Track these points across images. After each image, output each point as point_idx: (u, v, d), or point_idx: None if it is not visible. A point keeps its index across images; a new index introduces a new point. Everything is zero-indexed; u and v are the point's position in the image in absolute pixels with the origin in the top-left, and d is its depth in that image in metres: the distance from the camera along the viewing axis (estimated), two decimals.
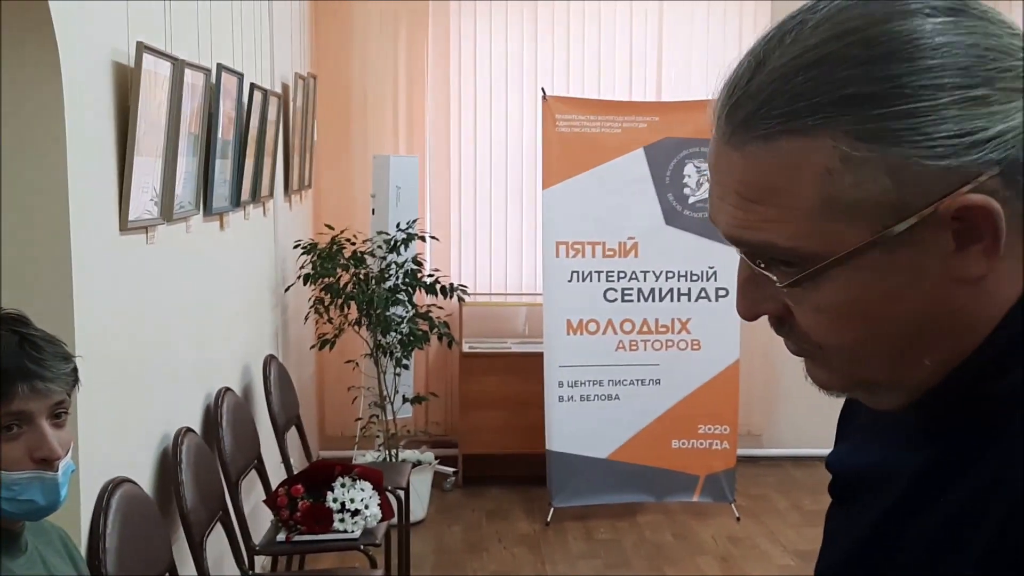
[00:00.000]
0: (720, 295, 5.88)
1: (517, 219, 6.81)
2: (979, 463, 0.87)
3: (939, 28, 0.83)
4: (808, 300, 0.89)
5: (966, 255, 0.84)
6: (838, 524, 1.10)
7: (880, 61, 0.82)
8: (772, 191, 0.86)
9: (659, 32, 6.74)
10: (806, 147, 0.84)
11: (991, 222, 0.83)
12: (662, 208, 5.81)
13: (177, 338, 3.53)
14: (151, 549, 2.94)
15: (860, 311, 0.88)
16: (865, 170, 0.82)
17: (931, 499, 0.90)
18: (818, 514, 4.06)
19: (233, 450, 3.87)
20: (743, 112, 0.87)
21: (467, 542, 5.62)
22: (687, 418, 5.89)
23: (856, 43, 0.83)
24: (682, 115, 5.88)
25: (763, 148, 0.86)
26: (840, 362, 0.92)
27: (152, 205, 3.11)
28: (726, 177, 0.90)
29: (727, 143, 0.88)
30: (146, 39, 2.93)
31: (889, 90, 0.81)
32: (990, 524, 0.83)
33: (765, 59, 0.86)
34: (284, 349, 5.43)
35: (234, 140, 4.09)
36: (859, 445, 1.10)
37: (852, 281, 0.86)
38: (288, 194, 5.56)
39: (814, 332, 0.91)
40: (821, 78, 0.83)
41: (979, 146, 0.82)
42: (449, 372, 6.78)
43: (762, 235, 0.88)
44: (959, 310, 0.87)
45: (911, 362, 0.90)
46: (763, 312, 0.95)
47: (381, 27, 6.60)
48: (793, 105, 0.84)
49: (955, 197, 0.82)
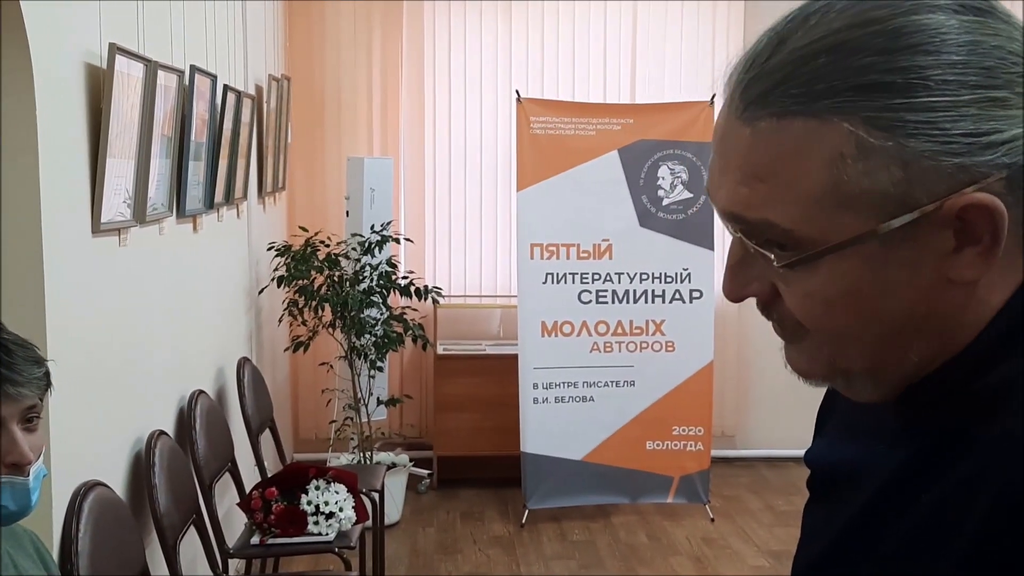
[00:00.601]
0: (695, 297, 5.90)
1: (492, 221, 6.81)
2: (958, 462, 0.87)
3: (966, 26, 0.83)
4: (800, 284, 0.89)
5: (962, 256, 0.85)
6: (816, 520, 1.10)
7: (905, 51, 0.81)
8: (779, 171, 0.86)
9: (632, 34, 6.76)
10: (820, 130, 0.83)
11: (993, 224, 0.83)
12: (636, 210, 5.83)
13: (150, 341, 3.51)
14: (124, 553, 2.92)
15: (850, 301, 0.88)
16: (878, 159, 0.82)
17: (910, 497, 0.91)
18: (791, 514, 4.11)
19: (207, 453, 3.86)
20: (759, 88, 0.86)
21: (441, 544, 5.62)
22: (661, 419, 5.90)
23: (881, 32, 0.82)
24: (656, 117, 5.91)
25: (776, 126, 0.85)
26: (824, 348, 0.92)
27: (125, 207, 3.10)
28: (732, 152, 0.89)
29: (739, 118, 0.88)
30: (119, 41, 2.91)
31: (911, 81, 0.81)
32: (971, 523, 0.83)
33: (787, 38, 0.86)
34: (258, 351, 5.41)
35: (207, 142, 4.07)
36: (837, 441, 1.10)
37: (846, 270, 0.86)
38: (262, 196, 5.55)
39: (801, 316, 0.91)
40: (843, 63, 0.82)
41: (993, 148, 0.82)
42: (424, 374, 6.78)
43: (762, 214, 0.87)
44: (948, 311, 0.88)
45: (893, 356, 0.90)
46: (750, 294, 0.94)
47: (355, 29, 6.59)
48: (812, 87, 0.83)
49: (961, 195, 0.82)
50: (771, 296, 0.92)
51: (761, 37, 0.89)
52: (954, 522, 0.85)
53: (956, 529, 0.84)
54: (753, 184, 0.87)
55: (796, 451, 6.71)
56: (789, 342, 0.96)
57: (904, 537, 0.90)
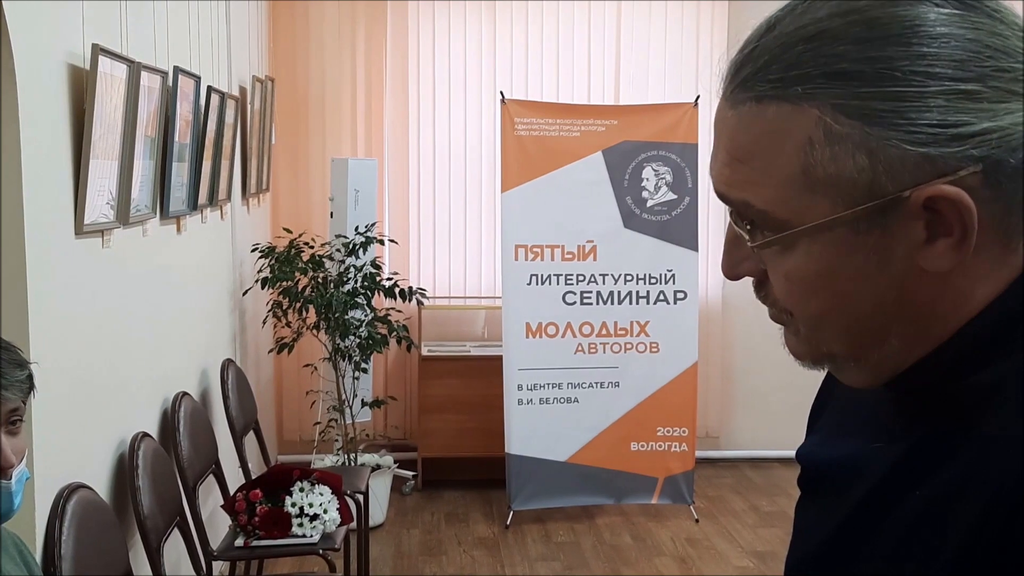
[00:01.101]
0: (679, 298, 5.91)
1: (476, 222, 6.81)
2: (951, 461, 0.87)
3: (943, 19, 0.84)
4: (779, 265, 0.91)
5: (934, 247, 0.85)
6: (809, 518, 1.10)
7: (876, 41, 0.83)
8: (756, 153, 0.89)
9: (617, 34, 6.77)
10: (793, 115, 0.86)
11: (961, 216, 0.83)
12: (620, 211, 5.84)
13: (134, 343, 3.50)
14: (107, 555, 2.91)
15: (825, 284, 0.90)
16: (844, 145, 0.84)
17: (903, 495, 0.91)
18: (775, 515, 4.11)
19: (191, 455, 3.85)
20: (744, 72, 0.89)
21: (426, 545, 5.62)
22: (646, 420, 5.91)
23: (858, 21, 0.84)
24: (640, 118, 5.92)
25: (755, 109, 0.88)
26: (806, 331, 0.94)
27: (108, 208, 3.09)
28: (722, 133, 0.92)
29: (727, 99, 0.91)
30: (102, 41, 2.91)
31: (879, 70, 0.83)
32: (964, 523, 0.83)
33: (776, 24, 0.89)
34: (242, 353, 5.40)
35: (191, 143, 4.06)
36: (830, 438, 1.11)
37: (819, 253, 0.88)
38: (246, 197, 5.54)
39: (782, 297, 0.93)
40: (818, 50, 0.85)
41: (961, 140, 0.82)
42: (408, 375, 6.78)
43: (742, 194, 0.90)
44: (924, 300, 0.89)
45: (874, 342, 0.91)
46: (743, 272, 0.96)
47: (339, 30, 6.59)
48: (787, 72, 0.86)
49: (928, 186, 0.83)
50: (763, 276, 0.95)
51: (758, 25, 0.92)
52: (947, 521, 0.85)
53: (949, 528, 0.85)
54: (736, 165, 0.91)
55: (780, 452, 6.75)
56: (782, 325, 0.98)
57: (897, 536, 0.91)
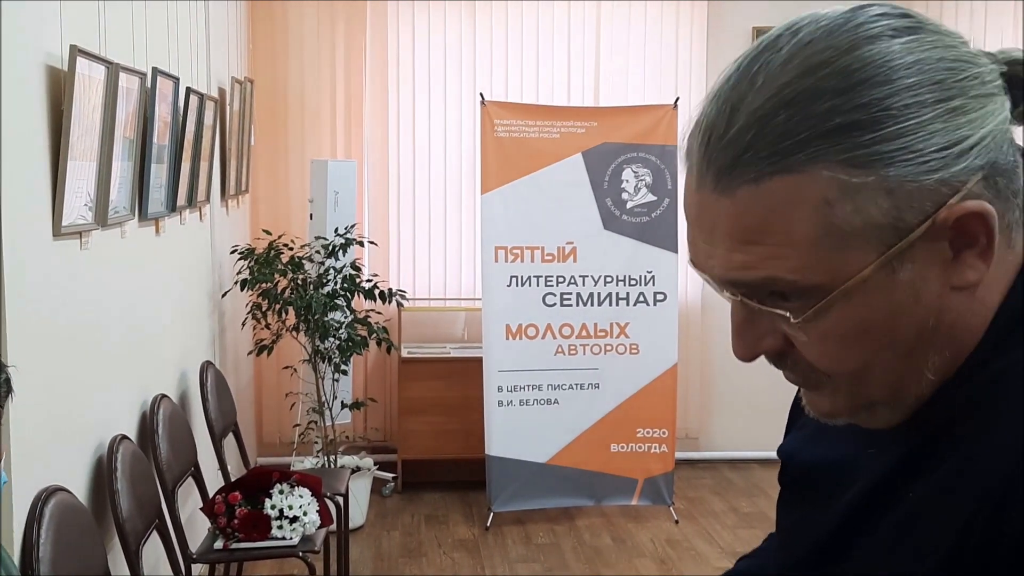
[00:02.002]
0: (658, 299, 5.93)
1: (456, 224, 6.80)
2: (944, 464, 0.88)
3: (907, 47, 0.84)
4: (814, 331, 0.89)
5: (961, 261, 0.86)
6: (798, 519, 1.10)
7: (860, 87, 0.83)
8: (769, 231, 0.86)
9: (596, 35, 6.77)
10: (799, 183, 0.84)
11: (986, 226, 0.85)
12: (600, 213, 5.85)
13: (112, 345, 3.49)
14: (86, 558, 2.90)
15: (866, 333, 0.89)
16: (864, 195, 0.83)
17: (898, 498, 0.92)
18: (754, 516, 4.12)
19: (169, 457, 3.84)
20: (726, 159, 0.86)
21: (406, 547, 5.61)
22: (626, 422, 5.92)
23: (831, 75, 0.83)
24: (620, 120, 5.93)
25: (754, 190, 0.85)
26: (848, 386, 0.93)
27: (86, 210, 3.08)
28: (715, 224, 0.89)
29: (713, 190, 0.88)
30: (80, 43, 2.89)
31: (875, 114, 0.82)
32: (955, 521, 0.84)
33: (738, 103, 0.86)
34: (221, 355, 5.38)
35: (170, 145, 4.05)
36: (815, 437, 1.11)
37: (858, 306, 0.87)
38: (225, 199, 5.52)
39: (820, 361, 0.91)
40: (804, 114, 0.83)
41: (965, 155, 0.84)
42: (388, 377, 6.77)
43: (763, 272, 0.88)
44: (955, 319, 0.89)
45: (914, 376, 0.91)
46: (763, 351, 0.94)
47: (318, 31, 6.57)
48: (780, 144, 0.84)
49: (950, 208, 0.84)
50: (785, 347, 0.93)
51: (708, 107, 0.89)
52: (938, 523, 0.86)
53: (940, 530, 0.86)
54: (747, 248, 0.88)
55: (759, 453, 6.77)
56: (808, 388, 0.97)
57: (891, 538, 0.91)
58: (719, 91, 0.89)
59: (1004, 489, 0.81)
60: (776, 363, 0.96)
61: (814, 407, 0.97)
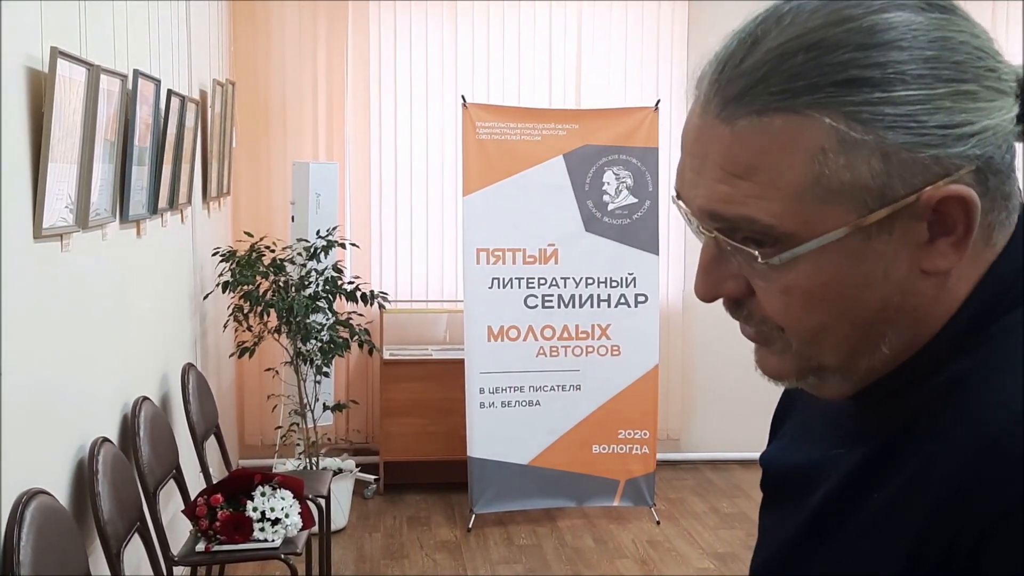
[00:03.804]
0: (640, 301, 5.94)
1: (437, 226, 6.81)
2: (906, 462, 0.89)
3: (935, 22, 0.86)
4: (778, 280, 0.90)
5: (936, 247, 0.87)
6: (771, 521, 1.11)
7: (881, 47, 0.84)
8: (760, 167, 0.87)
9: (578, 37, 6.79)
10: (801, 126, 0.85)
11: (968, 215, 0.86)
12: (582, 215, 5.86)
13: (93, 347, 3.48)
14: (67, 561, 2.89)
15: (829, 295, 0.89)
16: (859, 153, 0.84)
17: (863, 496, 0.92)
18: (735, 517, 4.14)
19: (151, 460, 3.83)
20: (736, 88, 0.87)
21: (388, 549, 5.61)
22: (607, 423, 5.94)
23: (856, 29, 0.84)
24: (601, 122, 5.95)
25: (756, 123, 0.86)
26: (800, 345, 0.93)
27: (67, 212, 3.07)
28: (710, 151, 0.90)
29: (716, 117, 0.88)
30: (60, 44, 2.89)
31: (890, 75, 0.83)
32: (915, 522, 0.85)
33: (760, 38, 0.87)
34: (203, 357, 5.37)
35: (151, 147, 4.04)
36: (792, 443, 1.12)
37: (826, 264, 0.88)
38: (206, 201, 5.51)
39: (778, 314, 0.92)
40: (821, 59, 0.84)
41: (965, 139, 0.84)
42: (370, 379, 6.77)
43: (743, 210, 0.88)
44: (920, 303, 0.90)
45: (868, 349, 0.92)
46: (724, 293, 0.94)
47: (300, 33, 6.57)
48: (792, 83, 0.85)
49: (937, 188, 0.85)
50: (745, 294, 0.93)
51: (730, 39, 0.90)
52: (899, 524, 0.87)
53: (901, 531, 0.86)
54: (734, 181, 0.88)
55: (740, 454, 6.79)
56: (760, 344, 0.97)
57: (854, 539, 0.92)
58: (744, 27, 0.90)
59: (961, 492, 0.82)
60: (733, 312, 0.96)
61: (763, 365, 0.98)
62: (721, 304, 0.97)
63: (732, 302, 0.95)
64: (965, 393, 0.87)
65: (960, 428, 0.85)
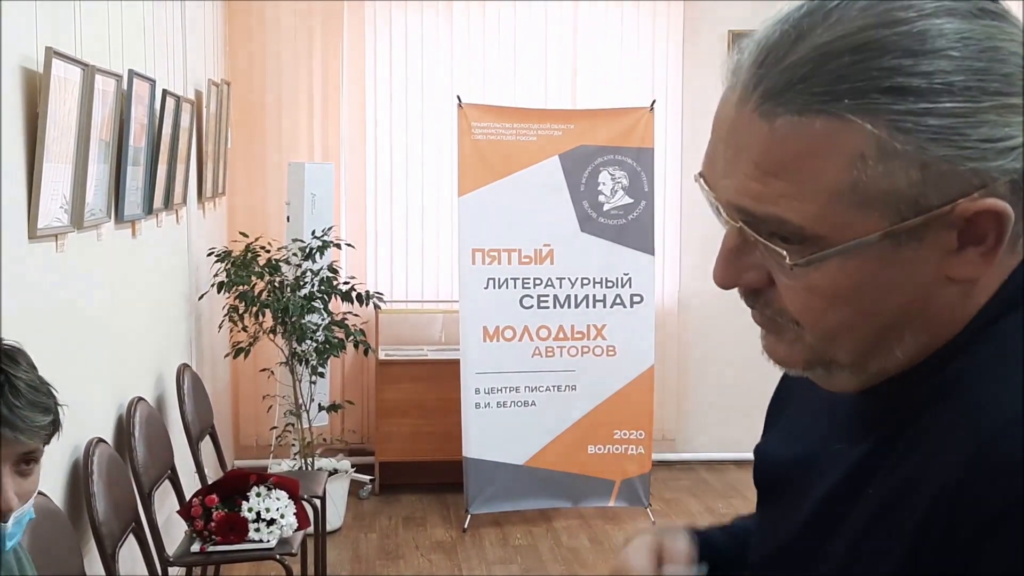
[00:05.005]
0: (635, 301, 5.94)
1: (433, 226, 6.81)
2: (905, 458, 0.89)
3: (987, 31, 0.84)
4: (803, 279, 0.89)
5: (964, 255, 0.86)
6: (770, 517, 1.11)
7: (930, 55, 0.82)
8: (796, 168, 0.85)
9: (573, 39, 6.79)
10: (843, 130, 0.83)
11: (1000, 227, 0.85)
12: (577, 215, 5.86)
13: (88, 347, 3.48)
14: (62, 562, 2.89)
15: (852, 297, 0.88)
16: (898, 162, 0.83)
17: (860, 493, 0.92)
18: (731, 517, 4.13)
19: (146, 460, 3.82)
20: (778, 82, 0.85)
21: (383, 549, 5.61)
22: (603, 424, 5.93)
23: (906, 34, 0.82)
24: (597, 123, 5.95)
25: (796, 123, 0.84)
26: (814, 341, 0.92)
27: (62, 212, 3.07)
28: (745, 145, 0.88)
29: (754, 111, 0.86)
30: (55, 44, 2.88)
31: (936, 86, 0.81)
32: (914, 518, 0.85)
33: (806, 32, 0.85)
34: (198, 358, 5.37)
35: (146, 147, 4.04)
36: (789, 436, 1.12)
37: (853, 268, 0.87)
38: (201, 201, 5.51)
39: (799, 311, 0.91)
40: (868, 63, 0.82)
41: (1006, 153, 0.83)
42: (365, 379, 6.76)
43: (774, 209, 0.87)
44: (942, 308, 0.89)
45: (883, 350, 0.91)
46: (745, 282, 0.93)
47: (295, 33, 6.56)
48: (836, 86, 0.83)
49: (973, 200, 0.83)
50: (765, 285, 0.93)
51: (772, 28, 0.88)
52: (899, 520, 0.87)
53: (900, 527, 0.86)
54: (767, 180, 0.87)
55: (735, 454, 6.79)
56: (770, 332, 0.96)
57: (855, 535, 0.92)
58: (788, 15, 0.87)
59: (958, 490, 0.82)
60: (749, 300, 0.95)
61: (771, 352, 0.97)
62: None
63: (751, 290, 0.94)
64: (964, 392, 0.88)
65: (959, 427, 0.85)
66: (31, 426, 1.76)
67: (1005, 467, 0.80)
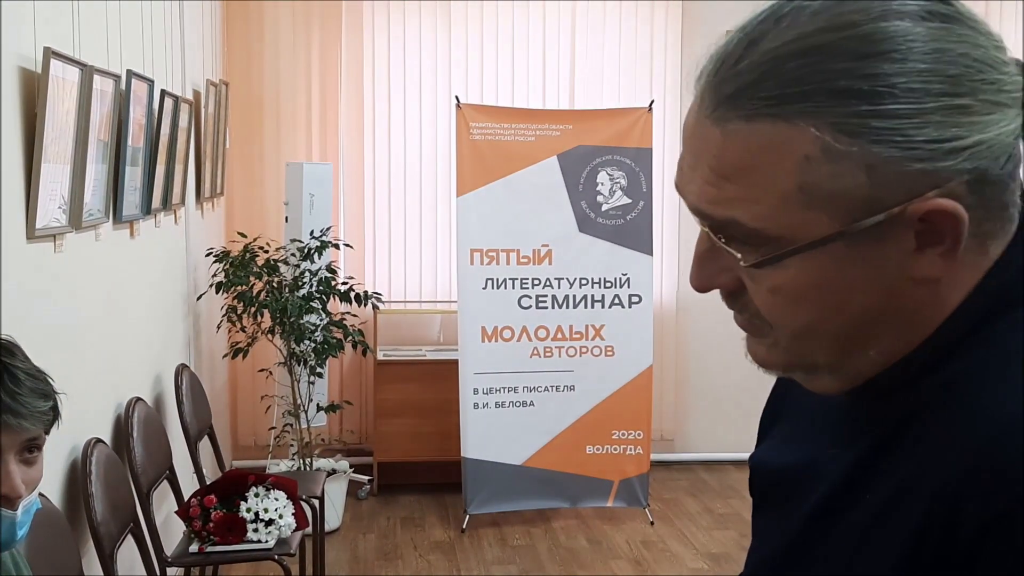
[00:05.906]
0: (633, 301, 5.94)
1: (431, 226, 6.81)
2: (901, 463, 0.89)
3: (933, 33, 0.84)
4: (766, 280, 0.90)
5: (923, 256, 0.87)
6: (766, 523, 1.11)
7: (873, 58, 0.83)
8: (747, 171, 0.87)
9: (572, 37, 6.79)
10: (789, 132, 0.85)
11: (955, 227, 0.85)
12: (575, 215, 5.86)
13: (86, 348, 3.48)
14: (60, 562, 2.89)
15: (815, 297, 0.89)
16: (843, 163, 0.84)
17: (857, 499, 0.92)
18: (729, 517, 4.14)
19: (144, 461, 3.82)
20: (730, 89, 0.87)
21: (382, 550, 5.61)
22: (601, 424, 5.94)
23: (853, 37, 0.83)
24: (595, 123, 5.95)
25: (745, 128, 0.86)
26: (787, 342, 0.94)
27: (60, 213, 3.06)
28: (702, 150, 0.90)
29: (708, 117, 0.89)
30: (54, 45, 2.88)
31: (878, 88, 0.82)
32: (910, 522, 0.85)
33: (758, 39, 0.87)
34: (196, 358, 5.37)
35: (144, 147, 4.04)
36: (783, 444, 1.12)
37: (812, 268, 0.88)
38: (200, 202, 5.51)
39: (767, 311, 0.92)
40: (814, 67, 0.84)
41: (955, 154, 0.84)
42: (364, 380, 6.76)
43: (729, 212, 0.89)
44: (911, 308, 0.90)
45: (856, 351, 0.92)
46: (717, 285, 0.95)
47: (294, 33, 6.56)
48: (783, 90, 0.84)
49: (925, 200, 0.84)
50: (738, 288, 0.94)
51: (731, 37, 0.90)
52: (895, 524, 0.87)
53: (896, 531, 0.86)
54: (721, 184, 0.89)
55: (734, 454, 6.79)
56: (751, 334, 0.97)
57: (850, 540, 0.92)
58: (744, 26, 0.89)
59: (957, 493, 0.82)
60: (728, 302, 0.97)
61: (753, 354, 0.98)
62: (715, 304, 0.98)
63: (728, 293, 0.96)
64: (963, 394, 0.88)
65: (957, 429, 0.85)
66: (33, 412, 1.79)
67: (1005, 469, 0.80)
